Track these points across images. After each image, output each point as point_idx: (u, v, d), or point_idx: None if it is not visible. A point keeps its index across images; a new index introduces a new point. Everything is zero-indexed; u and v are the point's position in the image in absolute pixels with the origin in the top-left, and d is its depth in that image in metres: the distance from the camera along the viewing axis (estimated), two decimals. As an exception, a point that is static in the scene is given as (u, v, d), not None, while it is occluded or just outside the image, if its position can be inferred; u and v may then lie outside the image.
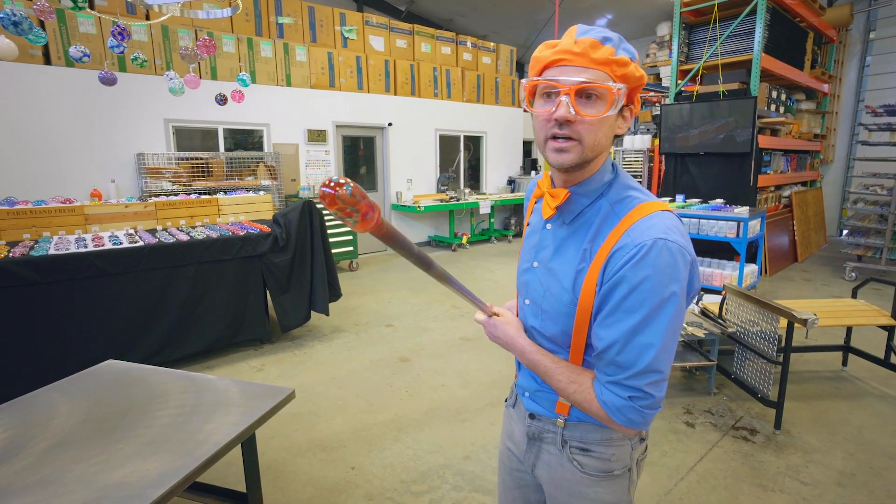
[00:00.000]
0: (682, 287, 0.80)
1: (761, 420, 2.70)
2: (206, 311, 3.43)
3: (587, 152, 0.82)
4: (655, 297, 0.77)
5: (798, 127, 6.95)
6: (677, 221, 0.83)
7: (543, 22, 10.61)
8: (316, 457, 2.43)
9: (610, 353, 0.81)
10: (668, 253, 0.77)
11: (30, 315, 2.82)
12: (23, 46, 4.59)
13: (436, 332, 4.14)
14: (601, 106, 0.79)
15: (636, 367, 0.79)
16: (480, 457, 2.42)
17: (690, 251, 0.81)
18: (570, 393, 0.87)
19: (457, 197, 7.88)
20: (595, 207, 0.88)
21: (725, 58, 5.76)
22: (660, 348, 0.78)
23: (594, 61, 0.78)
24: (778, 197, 6.68)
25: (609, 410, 0.82)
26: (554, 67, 0.81)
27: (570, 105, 0.78)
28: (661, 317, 0.78)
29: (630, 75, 0.80)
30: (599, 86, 0.78)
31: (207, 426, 1.54)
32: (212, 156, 5.54)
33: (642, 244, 0.78)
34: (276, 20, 6.30)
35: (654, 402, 0.81)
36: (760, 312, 2.73)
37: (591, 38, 0.79)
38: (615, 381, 0.81)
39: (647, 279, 0.77)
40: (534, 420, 1.02)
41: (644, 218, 0.81)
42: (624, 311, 0.79)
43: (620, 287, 0.79)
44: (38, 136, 4.78)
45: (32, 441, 1.48)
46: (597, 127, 0.80)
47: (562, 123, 0.80)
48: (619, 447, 0.94)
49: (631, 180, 0.91)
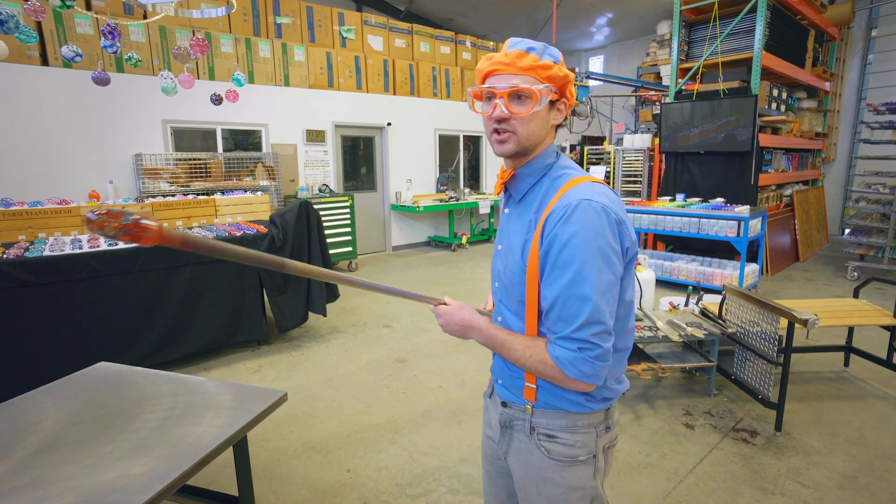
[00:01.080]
0: (610, 242, 0.88)
1: (762, 422, 2.67)
2: (202, 313, 3.41)
3: (523, 141, 0.96)
4: (584, 251, 0.87)
5: (799, 125, 6.91)
6: (605, 190, 0.94)
7: (543, 21, 10.58)
8: (311, 459, 2.41)
9: (555, 311, 0.90)
10: (592, 211, 0.88)
11: (25, 317, 2.81)
12: (20, 48, 4.58)
13: (433, 332, 4.12)
14: (529, 104, 0.94)
15: (579, 319, 0.87)
16: (476, 459, 2.39)
17: (616, 211, 0.91)
18: (527, 358, 0.94)
19: (456, 197, 7.86)
20: (538, 186, 1.00)
21: (726, 56, 5.73)
22: (596, 299, 0.86)
23: (521, 69, 0.93)
24: (779, 196, 6.65)
25: (562, 365, 0.89)
26: (491, 76, 0.97)
27: (504, 106, 0.93)
28: (592, 269, 0.87)
29: (555, 76, 0.94)
30: (526, 88, 0.92)
31: (197, 429, 1.52)
32: (210, 156, 5.52)
33: (568, 204, 0.90)
34: (275, 20, 6.29)
35: (603, 353, 0.88)
36: (761, 313, 2.70)
37: (517, 49, 0.94)
38: (564, 336, 0.89)
39: (575, 235, 0.87)
40: (506, 408, 1.08)
41: (574, 186, 0.94)
42: (559, 268, 0.89)
43: (554, 245, 0.89)
44: (36, 138, 4.76)
45: (20, 445, 1.46)
46: (527, 121, 0.94)
47: (500, 120, 0.95)
48: (585, 434, 1.00)
49: (569, 163, 1.03)
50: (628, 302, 0.98)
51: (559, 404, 0.99)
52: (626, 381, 1.06)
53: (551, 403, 1.00)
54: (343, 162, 7.16)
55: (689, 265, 5.34)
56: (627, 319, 1.00)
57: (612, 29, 11.39)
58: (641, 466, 2.31)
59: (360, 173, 7.53)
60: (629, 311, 0.99)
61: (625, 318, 0.99)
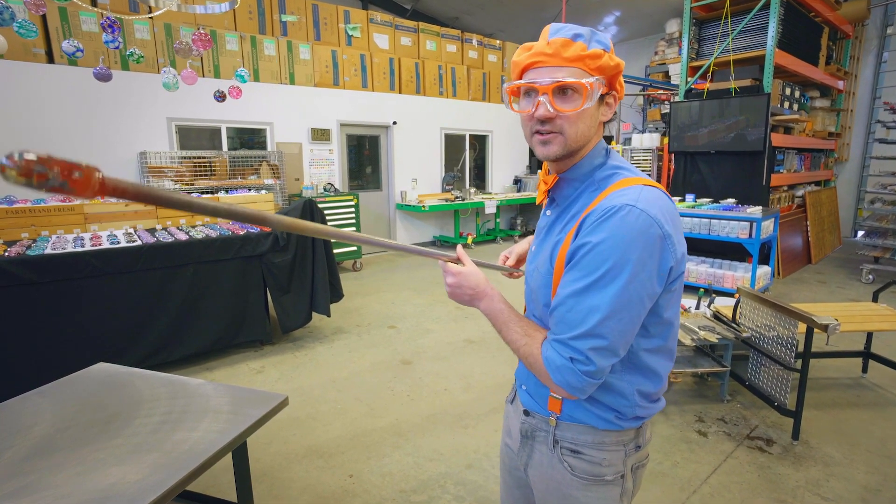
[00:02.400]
0: (644, 259, 0.78)
1: (777, 430, 2.59)
2: (205, 312, 3.36)
3: (570, 143, 0.86)
4: (611, 260, 0.77)
5: (812, 125, 6.79)
6: (659, 196, 0.82)
7: (549, 20, 10.50)
8: (313, 463, 2.35)
9: (561, 310, 0.82)
10: (633, 219, 0.77)
11: (26, 315, 2.77)
12: (25, 45, 4.56)
13: (439, 333, 4.06)
14: (578, 100, 0.82)
15: (580, 328, 0.79)
16: (483, 465, 2.33)
17: (663, 226, 0.79)
18: (521, 346, 0.88)
19: (462, 196, 7.79)
20: (583, 188, 0.91)
21: (737, 54, 5.62)
22: (607, 314, 0.78)
23: (567, 59, 0.81)
24: (791, 197, 6.52)
25: (549, 368, 0.82)
26: (531, 70, 0.85)
27: (549, 103, 0.82)
28: (615, 283, 0.77)
29: (605, 66, 0.83)
30: (574, 82, 0.81)
31: (194, 434, 1.46)
32: (215, 155, 5.49)
33: (609, 207, 0.79)
34: (280, 18, 6.25)
35: (595, 371, 0.80)
36: (777, 317, 2.61)
37: (561, 37, 0.82)
38: (560, 340, 0.82)
39: (606, 241, 0.78)
40: (528, 417, 1.01)
41: (622, 189, 0.83)
42: (579, 270, 0.80)
43: (582, 248, 0.81)
44: (40, 135, 4.74)
45: (11, 449, 1.41)
46: (576, 119, 0.84)
47: (543, 120, 0.84)
48: (612, 452, 0.92)
49: (621, 161, 0.92)
50: (666, 321, 0.88)
51: (586, 419, 0.92)
52: (663, 400, 0.97)
53: (577, 417, 0.92)
54: (348, 161, 7.12)
55: (699, 267, 5.24)
56: (666, 339, 0.90)
57: (620, 27, 11.28)
58: (654, 475, 2.24)
59: (365, 172, 7.48)
60: (667, 330, 0.89)
61: (662, 337, 0.89)
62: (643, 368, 0.89)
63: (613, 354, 0.81)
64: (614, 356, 0.81)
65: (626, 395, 0.89)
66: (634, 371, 0.89)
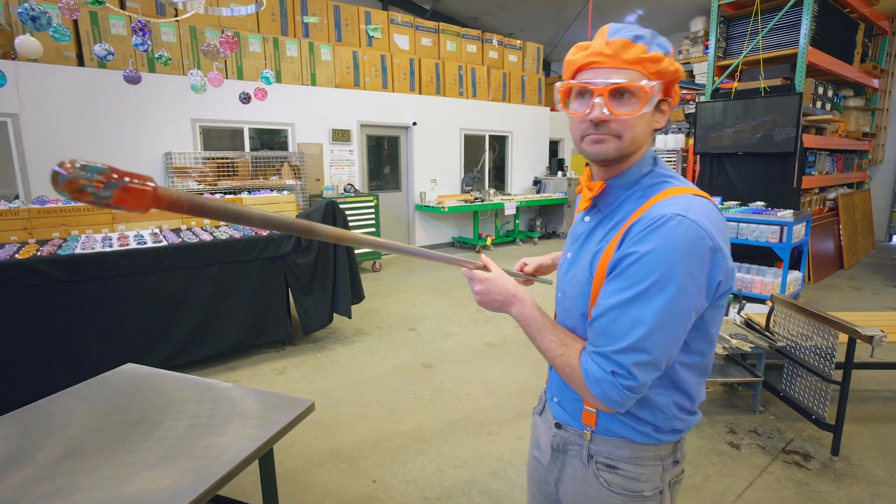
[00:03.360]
0: (693, 272, 0.75)
1: (815, 444, 2.48)
2: (228, 312, 3.39)
3: (625, 147, 0.82)
4: (658, 271, 0.74)
5: (845, 125, 6.56)
6: (710, 207, 0.79)
7: (571, 19, 10.36)
8: (336, 467, 2.33)
9: (602, 321, 0.79)
10: (683, 230, 0.74)
11: (57, 314, 2.82)
12: (57, 48, 4.67)
13: (460, 336, 4.02)
14: (635, 104, 0.79)
15: (624, 341, 0.76)
16: (508, 474, 2.28)
17: (714, 238, 0.76)
18: (557, 356, 0.85)
19: (481, 198, 7.74)
20: (627, 195, 0.87)
21: (767, 52, 5.45)
22: (652, 327, 0.75)
23: (626, 61, 0.78)
24: (822, 199, 6.32)
25: (588, 380, 0.79)
26: (587, 70, 0.81)
27: (604, 106, 0.79)
28: (661, 295, 0.74)
29: (664, 71, 0.80)
30: (632, 85, 0.78)
31: (222, 440, 1.46)
32: (237, 155, 5.55)
33: (658, 217, 0.76)
34: (302, 19, 6.28)
35: (637, 385, 0.77)
36: (815, 326, 2.51)
37: (622, 37, 0.79)
38: (601, 353, 0.79)
39: (653, 252, 0.74)
40: (559, 430, 0.98)
41: (671, 197, 0.80)
42: (624, 280, 0.77)
43: (627, 257, 0.77)
44: (71, 136, 4.85)
45: (45, 450, 1.42)
46: (632, 124, 0.80)
47: (597, 124, 0.81)
48: (650, 467, 0.89)
49: (669, 170, 0.89)
50: (709, 336, 0.85)
51: (623, 432, 0.89)
52: (700, 413, 0.93)
53: (614, 431, 0.89)
54: (368, 161, 7.13)
55: (727, 271, 5.09)
56: (705, 355, 0.87)
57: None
58: (685, 489, 2.16)
59: (384, 173, 7.49)
60: (709, 346, 0.87)
61: (701, 353, 0.86)
62: (680, 382, 0.86)
63: (656, 369, 0.78)
64: (656, 371, 0.78)
65: (663, 408, 0.87)
66: (670, 384, 0.86)
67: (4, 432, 1.51)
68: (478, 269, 0.96)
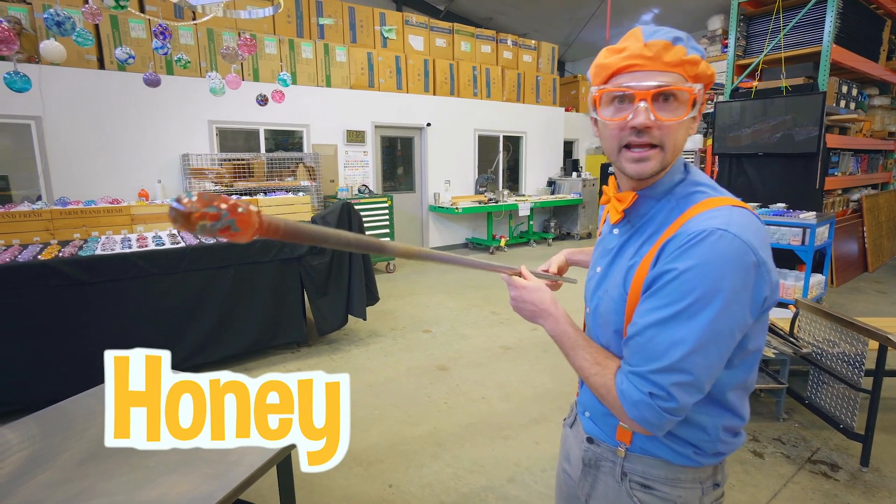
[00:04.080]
0: (737, 289, 0.71)
1: (843, 453, 2.41)
2: (244, 313, 3.40)
3: (668, 158, 0.78)
4: (700, 290, 0.70)
5: (870, 124, 6.39)
6: (751, 219, 0.75)
7: (585, 19, 10.26)
8: (352, 471, 2.32)
9: (639, 340, 0.76)
10: (726, 245, 0.70)
11: (78, 314, 2.86)
12: (79, 52, 4.75)
13: (475, 339, 3.99)
14: (680, 109, 0.75)
15: (663, 361, 0.72)
16: (525, 479, 2.25)
17: (758, 252, 0.72)
18: (591, 375, 0.82)
19: (495, 199, 7.70)
20: (660, 206, 0.83)
21: (789, 51, 5.33)
22: (693, 347, 0.71)
23: (668, 64, 0.74)
24: (846, 201, 6.16)
25: (625, 402, 0.76)
26: (624, 74, 0.77)
27: (650, 111, 0.74)
28: (702, 314, 0.70)
29: (702, 74, 0.76)
30: (680, 88, 0.74)
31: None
32: (253, 156, 5.59)
33: (697, 232, 0.72)
34: (318, 21, 6.31)
35: (677, 408, 0.73)
36: (843, 332, 2.43)
37: (661, 39, 0.75)
38: (638, 373, 0.75)
39: (694, 269, 0.71)
40: (591, 444, 0.94)
41: (710, 209, 0.75)
42: (662, 298, 0.73)
43: (666, 274, 0.73)
44: (91, 138, 4.93)
45: (67, 452, 1.44)
46: (676, 130, 0.77)
47: (640, 131, 0.76)
48: (688, 489, 0.85)
49: (703, 178, 0.84)
50: (752, 351, 0.80)
51: (660, 452, 0.85)
52: (744, 434, 0.89)
53: (650, 450, 0.86)
54: (382, 162, 7.14)
55: (747, 274, 4.98)
56: (749, 371, 0.83)
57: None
58: (708, 499, 2.11)
59: (398, 174, 7.49)
60: (752, 362, 0.82)
61: (745, 369, 0.82)
62: (725, 402, 0.82)
63: (698, 391, 0.74)
64: (699, 393, 0.74)
65: (706, 430, 0.82)
66: (714, 405, 0.82)
67: (28, 433, 1.53)
68: (515, 276, 0.97)
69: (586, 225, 8.87)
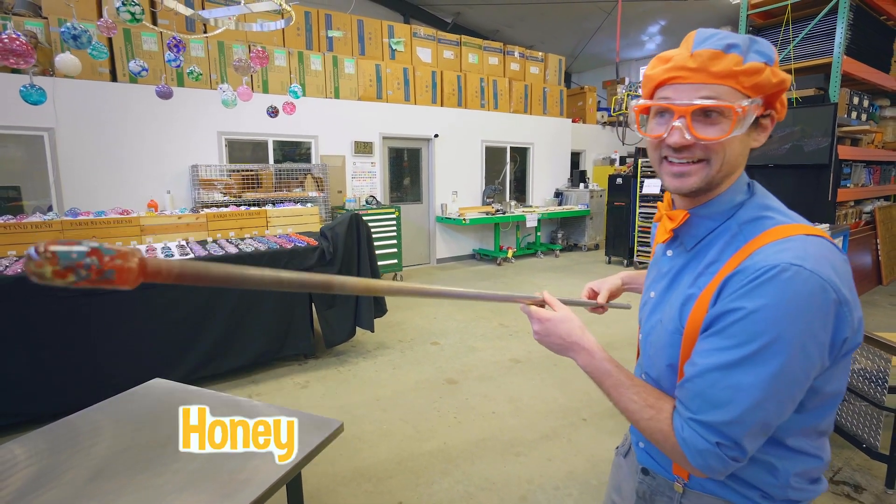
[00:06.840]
0: (815, 331, 0.63)
1: (866, 474, 2.33)
2: (252, 325, 3.38)
3: (714, 175, 0.72)
4: (772, 332, 0.63)
5: (882, 136, 6.34)
6: (830, 250, 0.67)
7: (592, 30, 10.32)
8: (360, 488, 2.28)
9: (699, 384, 0.68)
10: (801, 283, 0.62)
11: (86, 325, 2.85)
12: (92, 64, 4.81)
13: (484, 352, 3.94)
14: (725, 125, 0.68)
15: (729, 412, 0.65)
16: (538, 498, 2.19)
17: (839, 289, 0.64)
18: (643, 419, 0.74)
19: (502, 210, 7.69)
20: (720, 230, 0.75)
21: (799, 62, 5.31)
22: (762, 396, 0.64)
23: (714, 75, 0.67)
24: (858, 213, 6.08)
25: (688, 451, 0.69)
26: (668, 86, 0.71)
27: (686, 129, 0.69)
28: (774, 360, 0.63)
29: (763, 83, 0.68)
30: (719, 105, 0.67)
31: (251, 463, 1.42)
32: (261, 167, 5.61)
33: (768, 267, 0.64)
34: (327, 34, 6.38)
35: (745, 456, 0.68)
36: (862, 347, 2.37)
37: (709, 48, 0.68)
38: (703, 423, 0.67)
39: (765, 308, 0.63)
40: (646, 476, 0.88)
41: (780, 240, 0.67)
42: (728, 339, 0.66)
43: (731, 314, 0.66)
44: (103, 150, 4.98)
45: (74, 469, 1.41)
46: (721, 148, 0.70)
47: (679, 149, 0.71)
48: None
49: (772, 200, 0.76)
50: (829, 395, 0.72)
51: (722, 493, 0.78)
52: (825, 481, 0.79)
53: (711, 489, 0.79)
54: (390, 174, 7.15)
55: (759, 287, 4.92)
56: (824, 416, 0.74)
57: (665, 37, 10.98)
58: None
59: (405, 185, 7.50)
60: (829, 406, 0.73)
61: (819, 413, 0.73)
62: (798, 447, 0.75)
63: (765, 436, 0.69)
64: (765, 437, 0.69)
65: (775, 473, 0.74)
66: (786, 449, 0.74)
67: (34, 448, 1.50)
68: (536, 306, 0.87)
69: (594, 236, 8.82)
